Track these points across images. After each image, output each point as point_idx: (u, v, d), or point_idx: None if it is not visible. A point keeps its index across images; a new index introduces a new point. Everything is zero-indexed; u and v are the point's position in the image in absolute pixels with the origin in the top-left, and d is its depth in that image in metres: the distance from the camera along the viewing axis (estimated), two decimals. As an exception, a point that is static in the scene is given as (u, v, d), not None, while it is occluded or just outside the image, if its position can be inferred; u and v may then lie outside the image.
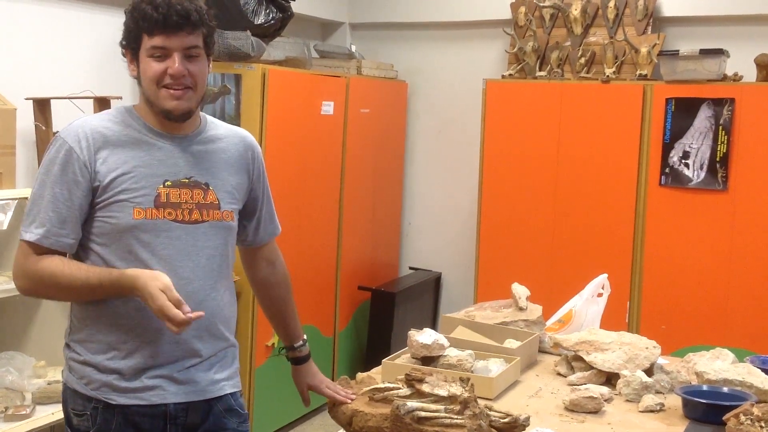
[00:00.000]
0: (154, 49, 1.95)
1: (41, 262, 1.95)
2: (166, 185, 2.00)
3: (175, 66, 1.95)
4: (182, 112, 2.00)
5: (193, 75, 1.98)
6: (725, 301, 4.26)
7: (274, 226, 2.32)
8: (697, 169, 4.28)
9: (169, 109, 1.99)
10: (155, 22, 1.93)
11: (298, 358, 2.37)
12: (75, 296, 2.01)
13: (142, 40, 1.97)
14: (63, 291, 1.98)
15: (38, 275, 1.96)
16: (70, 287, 1.95)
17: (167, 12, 1.93)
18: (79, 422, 2.04)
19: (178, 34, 1.95)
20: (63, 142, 1.98)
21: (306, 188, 4.56)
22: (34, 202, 1.98)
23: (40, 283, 1.97)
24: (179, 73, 1.96)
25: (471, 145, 5.10)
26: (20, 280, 2.01)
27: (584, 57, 4.72)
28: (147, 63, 1.97)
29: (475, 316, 2.97)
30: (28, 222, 1.98)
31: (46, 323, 3.46)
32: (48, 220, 1.95)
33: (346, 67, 5.03)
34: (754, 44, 4.39)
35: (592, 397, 2.32)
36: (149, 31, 1.95)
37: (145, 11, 1.94)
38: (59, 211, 1.96)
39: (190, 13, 1.95)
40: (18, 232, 2.02)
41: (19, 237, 1.99)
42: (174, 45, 1.95)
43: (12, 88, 3.53)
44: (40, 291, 2.02)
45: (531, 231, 4.70)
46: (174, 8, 1.93)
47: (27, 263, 1.97)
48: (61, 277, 1.94)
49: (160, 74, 1.96)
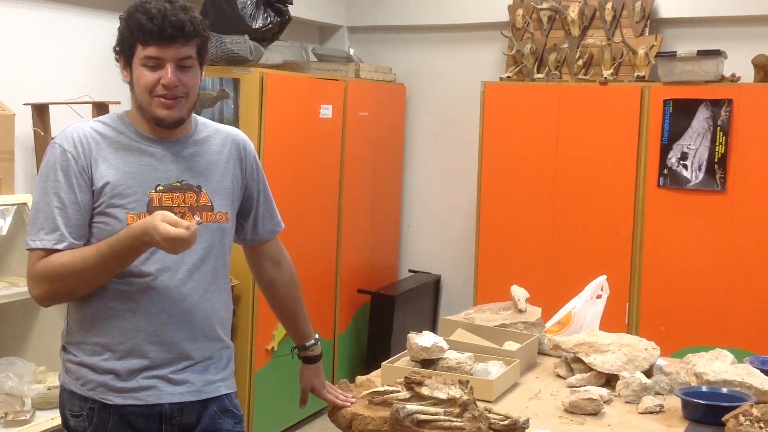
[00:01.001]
0: (148, 59, 1.97)
1: (49, 261, 1.95)
2: (158, 190, 2.02)
3: (167, 77, 1.97)
4: (174, 121, 2.03)
5: (185, 85, 2.00)
6: (724, 302, 4.26)
7: (274, 223, 2.31)
8: (696, 170, 4.28)
9: (161, 117, 2.01)
10: (150, 33, 1.94)
11: (310, 357, 2.38)
12: (93, 276, 1.96)
13: (136, 48, 1.98)
14: (80, 276, 1.95)
15: (51, 272, 1.95)
16: (85, 268, 1.93)
17: (162, 23, 1.94)
18: (75, 423, 2.05)
19: (172, 45, 1.97)
20: (60, 147, 1.99)
21: (305, 192, 4.56)
22: (39, 210, 1.98)
23: (57, 279, 1.95)
24: (172, 84, 1.98)
25: (470, 147, 5.11)
26: (36, 287, 1.99)
27: (582, 59, 4.72)
28: (140, 71, 1.98)
29: (474, 318, 2.97)
30: (35, 231, 1.97)
31: (45, 329, 3.46)
32: (58, 225, 1.95)
33: (345, 71, 5.04)
34: (751, 45, 4.39)
35: (591, 398, 2.32)
36: (144, 41, 1.96)
37: (141, 21, 1.95)
38: (69, 216, 1.96)
39: (184, 25, 1.96)
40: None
41: (27, 247, 1.98)
42: (167, 56, 1.97)
43: (10, 94, 3.54)
44: (58, 287, 1.98)
45: (530, 233, 4.70)
46: (169, 20, 1.94)
47: (37, 267, 1.96)
48: (75, 263, 1.93)
49: (153, 84, 1.98)
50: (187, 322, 2.05)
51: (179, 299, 2.03)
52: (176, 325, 2.03)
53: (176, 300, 2.03)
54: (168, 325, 2.02)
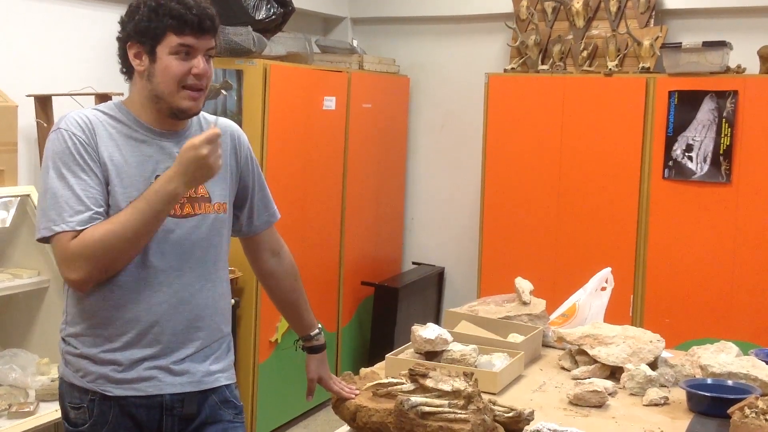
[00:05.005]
0: (181, 47, 1.96)
1: (85, 236, 1.89)
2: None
3: (201, 66, 1.98)
4: (195, 113, 2.04)
5: (208, 77, 2.02)
6: (729, 294, 4.25)
7: (269, 214, 2.30)
8: (701, 162, 4.26)
9: (184, 109, 2.00)
10: (186, 22, 1.95)
11: (315, 347, 2.37)
12: (134, 239, 1.91)
13: (166, 37, 1.96)
14: (123, 241, 1.89)
15: (91, 246, 1.88)
16: (126, 231, 1.88)
17: (200, 14, 1.96)
18: (76, 415, 2.05)
19: (205, 36, 1.99)
20: (67, 132, 1.96)
21: (308, 184, 4.55)
22: (57, 195, 1.91)
23: (98, 251, 1.89)
24: (204, 73, 1.99)
25: (473, 139, 5.10)
26: (75, 269, 1.91)
27: (586, 50, 4.71)
28: (169, 60, 1.96)
29: (478, 310, 2.96)
30: (57, 214, 1.91)
31: (49, 320, 3.46)
32: (87, 206, 1.91)
33: (348, 62, 5.02)
34: (757, 36, 4.37)
35: (596, 391, 2.31)
36: (178, 30, 1.95)
37: (177, 10, 1.94)
38: (94, 196, 1.92)
39: (215, 18, 2.01)
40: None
41: (49, 234, 1.92)
42: (201, 46, 1.98)
43: (13, 85, 3.53)
44: (100, 263, 1.91)
45: (534, 225, 4.69)
46: (205, 11, 1.97)
47: (71, 247, 1.89)
48: (116, 228, 1.88)
49: (185, 73, 1.97)
50: (186, 313, 2.04)
51: (179, 290, 2.02)
52: (176, 315, 2.03)
53: (176, 290, 2.03)
54: (168, 316, 2.02)
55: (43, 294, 3.47)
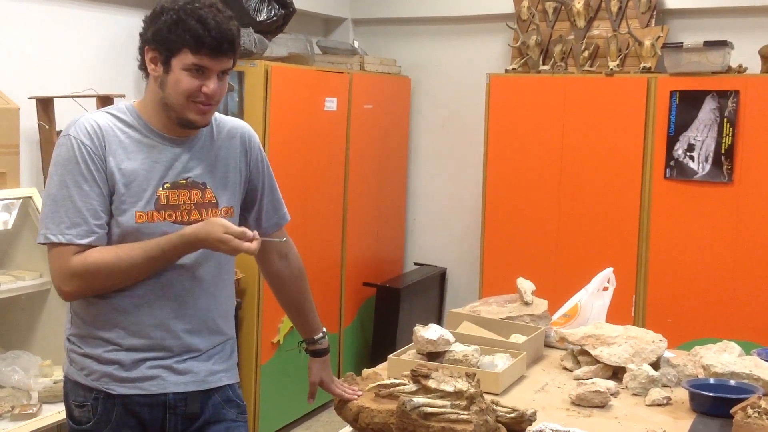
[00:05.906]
0: (195, 66, 1.96)
1: (89, 258, 1.93)
2: (165, 187, 2.01)
3: (212, 87, 1.98)
4: (203, 125, 2.05)
5: (221, 94, 2.02)
6: (731, 294, 4.25)
7: (279, 216, 2.29)
8: (702, 161, 4.26)
9: (192, 121, 2.01)
10: (203, 44, 1.94)
11: (318, 350, 2.36)
12: (136, 276, 1.97)
13: (181, 52, 1.95)
14: (123, 275, 1.95)
15: (91, 271, 1.93)
16: (131, 269, 1.94)
17: (219, 36, 1.94)
18: (80, 414, 2.06)
19: (221, 58, 1.98)
20: (76, 140, 1.96)
21: (310, 185, 4.55)
22: (59, 203, 1.94)
23: (95, 278, 1.93)
24: (215, 94, 1.99)
25: (475, 139, 5.09)
26: (69, 283, 1.95)
27: (588, 50, 4.70)
28: (180, 75, 1.96)
29: (480, 311, 2.96)
30: (55, 224, 1.93)
31: (51, 322, 3.46)
32: (85, 219, 1.93)
33: (349, 63, 5.02)
34: (758, 36, 4.37)
35: (598, 391, 2.31)
36: (195, 49, 1.94)
37: (195, 29, 1.92)
38: (95, 209, 1.94)
39: (235, 39, 1.99)
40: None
41: (46, 241, 1.95)
42: (215, 67, 1.98)
43: (15, 87, 3.53)
44: (95, 285, 1.96)
45: (536, 225, 4.69)
46: (225, 34, 1.95)
47: (72, 264, 1.92)
48: (121, 263, 1.93)
49: (195, 90, 1.97)
50: (191, 316, 2.05)
51: (183, 293, 2.03)
52: (180, 318, 2.04)
53: (180, 294, 2.03)
54: (172, 319, 2.03)
55: (46, 296, 3.47)
